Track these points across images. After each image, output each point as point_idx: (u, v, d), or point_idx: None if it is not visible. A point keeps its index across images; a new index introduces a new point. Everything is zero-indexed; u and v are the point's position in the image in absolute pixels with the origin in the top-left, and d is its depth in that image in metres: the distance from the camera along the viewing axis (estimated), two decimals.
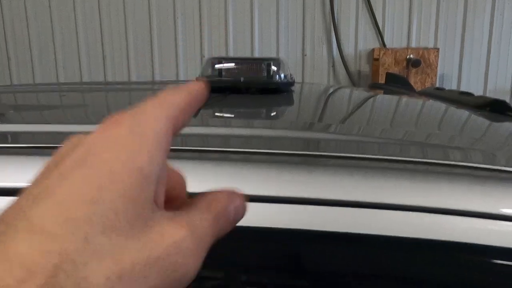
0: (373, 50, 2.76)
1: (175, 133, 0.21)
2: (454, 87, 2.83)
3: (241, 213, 0.23)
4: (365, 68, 2.86)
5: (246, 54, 2.84)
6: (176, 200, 0.23)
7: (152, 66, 2.92)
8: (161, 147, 0.20)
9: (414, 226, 0.43)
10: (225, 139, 0.59)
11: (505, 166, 0.49)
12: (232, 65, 0.94)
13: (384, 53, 2.67)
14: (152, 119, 0.20)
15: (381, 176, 0.46)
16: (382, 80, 2.59)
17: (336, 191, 0.45)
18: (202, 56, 2.88)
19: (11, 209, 0.18)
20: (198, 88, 0.23)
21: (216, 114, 0.78)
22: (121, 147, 0.19)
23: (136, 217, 0.18)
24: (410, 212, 0.44)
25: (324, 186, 0.45)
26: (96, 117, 0.77)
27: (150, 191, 0.19)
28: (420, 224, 0.43)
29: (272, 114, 0.84)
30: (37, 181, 0.19)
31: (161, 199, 0.21)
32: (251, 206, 0.24)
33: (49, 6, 2.89)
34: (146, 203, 0.19)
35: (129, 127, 0.19)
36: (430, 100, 0.97)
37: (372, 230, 0.43)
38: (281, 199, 0.44)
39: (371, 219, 0.43)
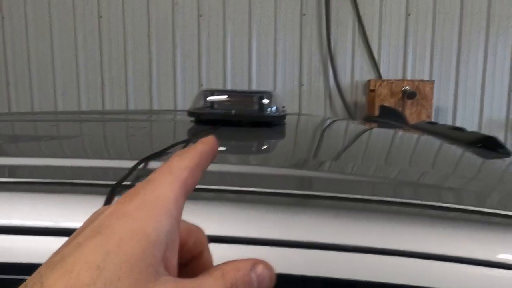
0: (369, 81, 2.79)
1: (186, 195, 0.23)
2: (449, 119, 2.84)
3: (266, 282, 0.23)
4: (362, 99, 2.88)
5: (244, 84, 2.86)
6: (200, 258, 0.25)
7: (150, 95, 2.93)
8: (170, 214, 0.22)
9: (404, 272, 0.42)
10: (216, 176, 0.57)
11: (496, 209, 0.47)
12: (224, 97, 0.94)
13: (380, 85, 2.69)
14: (161, 188, 0.22)
15: (371, 219, 0.45)
16: (378, 111, 2.60)
17: (327, 234, 0.43)
18: (200, 85, 2.90)
19: (33, 274, 0.20)
20: (208, 149, 0.25)
21: None
22: (131, 217, 0.21)
23: (138, 282, 0.19)
24: (401, 258, 0.42)
25: (315, 229, 0.44)
26: (93, 151, 0.76)
27: (155, 257, 0.20)
28: (409, 269, 0.42)
29: (261, 148, 0.83)
30: (59, 250, 0.21)
31: (173, 262, 0.22)
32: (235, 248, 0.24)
33: (50, 32, 2.93)
34: (149, 268, 0.20)
35: (140, 199, 0.22)
36: (423, 136, 0.96)
37: (364, 277, 0.41)
38: (269, 242, 0.43)
39: (362, 265, 0.42)
